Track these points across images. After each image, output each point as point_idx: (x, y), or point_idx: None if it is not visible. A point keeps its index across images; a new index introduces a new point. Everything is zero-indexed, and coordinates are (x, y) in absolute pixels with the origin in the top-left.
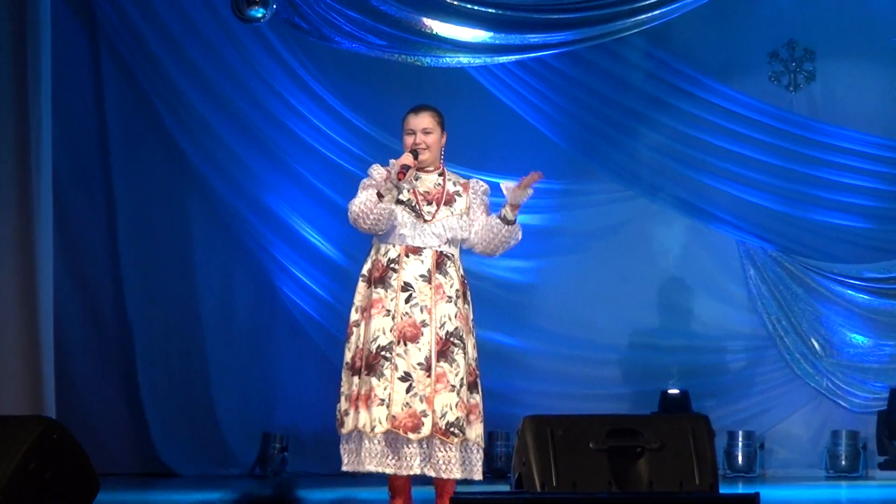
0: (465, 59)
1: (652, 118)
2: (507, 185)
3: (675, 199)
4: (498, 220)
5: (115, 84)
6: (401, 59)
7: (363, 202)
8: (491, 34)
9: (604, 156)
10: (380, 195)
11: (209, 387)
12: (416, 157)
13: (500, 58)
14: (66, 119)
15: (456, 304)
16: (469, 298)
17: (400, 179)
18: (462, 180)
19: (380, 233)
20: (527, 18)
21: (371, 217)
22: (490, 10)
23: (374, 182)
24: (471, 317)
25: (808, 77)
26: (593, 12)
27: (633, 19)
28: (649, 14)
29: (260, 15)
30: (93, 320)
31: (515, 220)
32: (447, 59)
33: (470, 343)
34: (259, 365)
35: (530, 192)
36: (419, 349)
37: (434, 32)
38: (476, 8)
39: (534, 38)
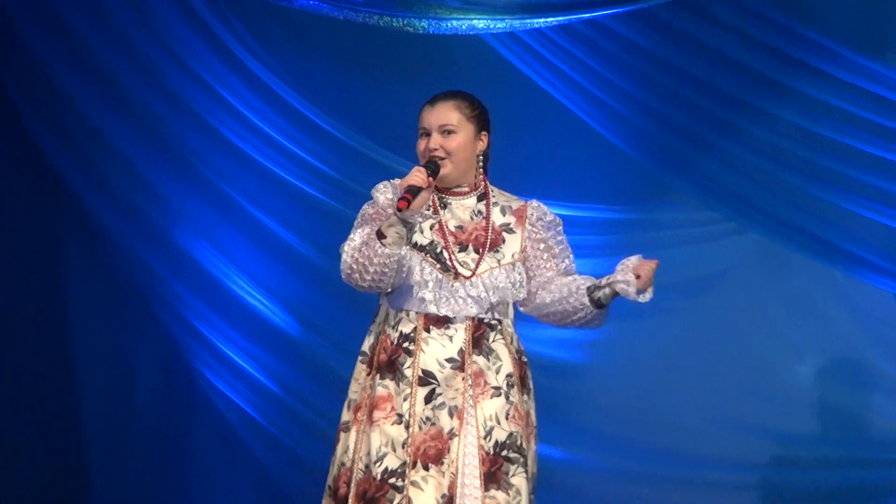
0: (480, 23)
1: (766, 112)
2: (629, 263)
3: (802, 233)
4: (584, 294)
5: None
6: (384, 24)
7: (358, 248)
8: None
9: (693, 168)
10: (381, 234)
11: None
12: (432, 174)
13: (535, 20)
14: None
15: (508, 398)
16: (530, 384)
17: (402, 209)
18: (516, 203)
19: (389, 290)
20: None
21: (371, 270)
22: None
23: (378, 211)
24: (533, 412)
25: None
26: None
27: None
28: None
29: None
30: None
31: (605, 307)
32: (453, 21)
33: (532, 454)
34: (171, 485)
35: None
36: (443, 474)
37: None
38: None
39: None
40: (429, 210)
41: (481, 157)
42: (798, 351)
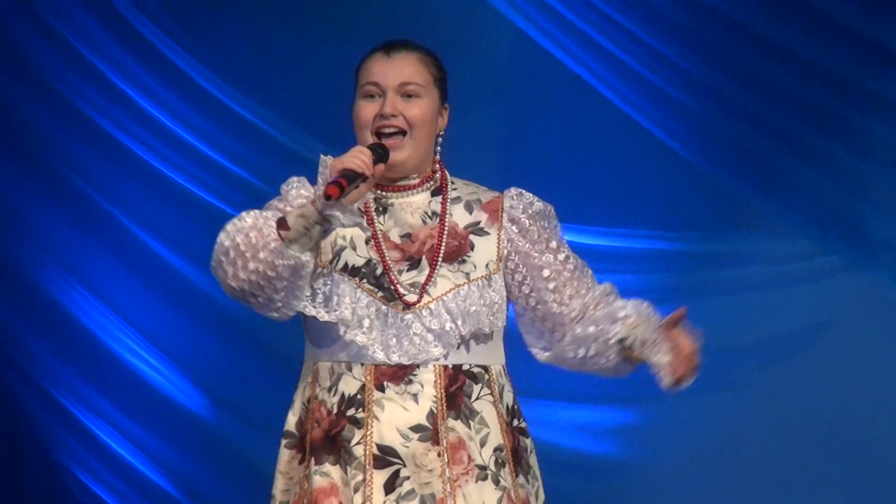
0: None
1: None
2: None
3: None
4: (615, 352)
5: None
6: None
7: (246, 229)
8: None
9: (782, 179)
10: (283, 223)
11: None
12: (381, 157)
13: None
14: None
15: (499, 479)
16: (531, 460)
17: (330, 198)
18: (487, 195)
19: (268, 312)
20: None
21: (252, 266)
22: None
23: (286, 208)
24: (538, 492)
25: None
26: None
27: None
28: None
29: None
30: None
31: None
32: None
33: None
34: None
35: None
36: None
37: None
38: None
39: None
40: (362, 216)
41: (440, 139)
42: None
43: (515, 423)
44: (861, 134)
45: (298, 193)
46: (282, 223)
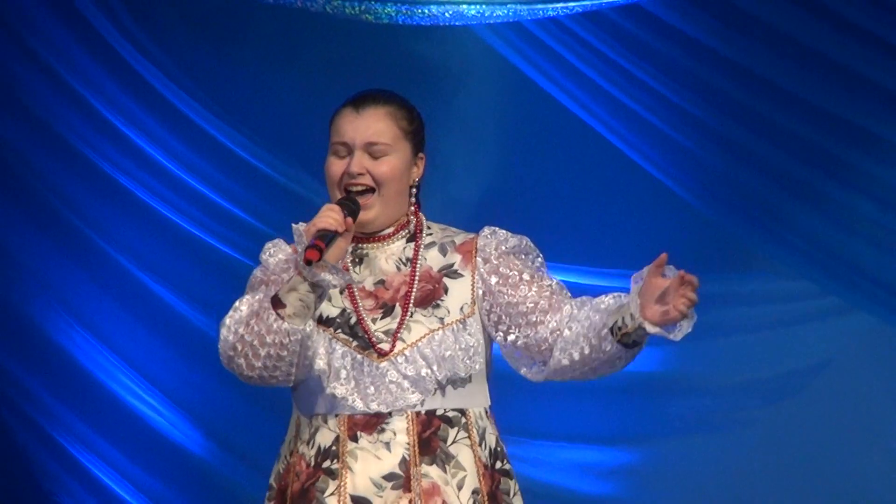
0: (472, 9)
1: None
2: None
3: None
4: (611, 342)
5: None
6: (333, 10)
7: (244, 320)
8: None
9: (783, 222)
10: (278, 302)
11: None
12: (350, 214)
13: (550, 5)
14: None
15: None
16: (511, 498)
17: (311, 263)
18: (462, 237)
19: (289, 383)
20: None
21: (263, 352)
22: None
23: (270, 277)
24: None
25: None
26: None
27: None
28: None
29: None
30: None
31: (641, 343)
32: (433, 7)
33: None
34: None
35: (690, 298)
36: None
37: None
38: None
39: None
40: (348, 272)
41: (415, 188)
42: None
43: (498, 465)
44: (861, 175)
45: (278, 260)
46: (276, 302)
